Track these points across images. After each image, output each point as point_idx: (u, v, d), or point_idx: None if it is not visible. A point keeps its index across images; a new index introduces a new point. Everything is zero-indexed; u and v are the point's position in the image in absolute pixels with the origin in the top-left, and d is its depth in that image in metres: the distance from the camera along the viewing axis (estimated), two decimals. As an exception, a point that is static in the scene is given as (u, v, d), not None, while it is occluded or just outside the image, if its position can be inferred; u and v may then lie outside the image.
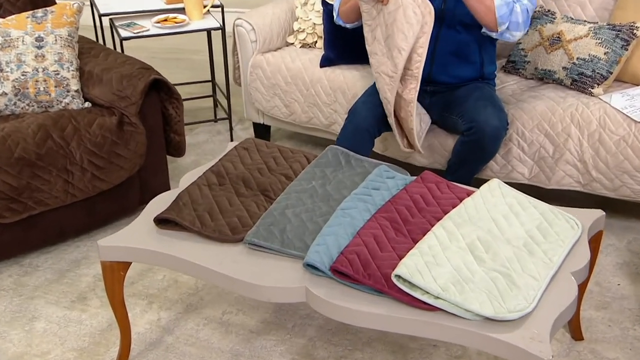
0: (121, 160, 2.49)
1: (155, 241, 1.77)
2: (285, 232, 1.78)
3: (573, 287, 1.56)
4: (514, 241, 1.72)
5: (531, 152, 2.53)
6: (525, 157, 2.54)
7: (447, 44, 2.44)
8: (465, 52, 2.46)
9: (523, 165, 2.56)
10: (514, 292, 1.52)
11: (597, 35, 2.52)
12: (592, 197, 2.74)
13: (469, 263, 1.62)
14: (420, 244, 1.68)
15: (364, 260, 1.64)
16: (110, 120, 2.46)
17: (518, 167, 2.57)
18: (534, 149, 2.52)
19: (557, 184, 2.54)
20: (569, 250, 1.69)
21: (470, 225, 1.75)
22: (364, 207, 1.87)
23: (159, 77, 2.55)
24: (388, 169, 2.06)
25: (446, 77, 2.51)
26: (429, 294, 1.53)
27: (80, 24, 2.70)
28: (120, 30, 3.13)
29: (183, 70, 4.60)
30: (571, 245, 1.70)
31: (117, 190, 2.59)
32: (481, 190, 1.91)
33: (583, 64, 2.53)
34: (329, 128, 3.03)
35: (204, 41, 3.88)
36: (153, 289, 2.34)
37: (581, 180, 2.51)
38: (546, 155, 2.51)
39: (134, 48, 3.77)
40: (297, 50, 3.14)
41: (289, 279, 1.64)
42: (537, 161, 2.54)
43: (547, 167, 2.53)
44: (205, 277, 1.70)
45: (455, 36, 2.43)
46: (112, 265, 1.79)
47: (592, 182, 2.49)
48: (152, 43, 4.47)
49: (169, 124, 2.72)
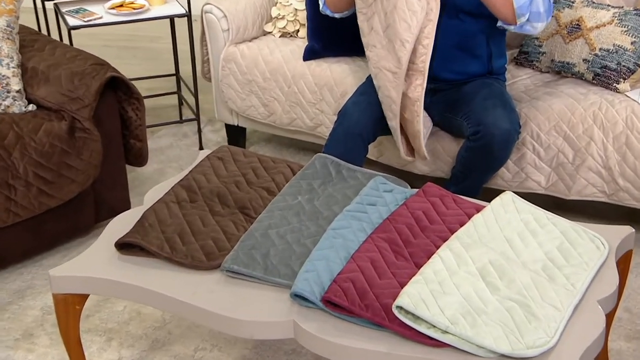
0: (73, 172, 2.51)
1: (117, 270, 1.78)
2: (269, 256, 1.81)
3: (600, 317, 1.61)
4: (532, 265, 1.76)
5: (548, 157, 2.58)
6: (542, 163, 2.59)
7: (449, 36, 2.48)
8: (470, 45, 2.51)
9: (539, 173, 2.61)
10: (533, 324, 1.56)
11: (623, 22, 2.58)
12: (619, 209, 2.80)
13: (480, 291, 1.65)
14: (424, 269, 1.71)
15: (361, 289, 1.67)
16: (60, 125, 2.47)
17: (533, 175, 2.62)
18: (552, 154, 2.57)
19: (578, 194, 2.59)
20: (595, 275, 1.74)
21: (481, 246, 1.79)
22: (358, 227, 1.90)
23: (117, 74, 2.57)
24: (385, 181, 2.10)
25: (449, 74, 2.55)
26: (435, 327, 1.56)
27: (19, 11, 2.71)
28: (68, 17, 3.15)
29: (141, 61, 4.62)
30: (597, 268, 1.75)
31: (68, 207, 2.60)
32: (492, 206, 1.95)
33: (607, 56, 2.59)
34: (314, 130, 3.06)
35: (166, 26, 3.89)
36: (112, 323, 2.35)
37: (606, 190, 2.56)
38: (565, 162, 2.56)
39: (82, 35, 3.77)
40: (277, 40, 3.17)
41: (274, 312, 1.67)
42: (555, 168, 2.59)
43: (566, 175, 2.58)
44: (176, 310, 1.72)
45: (458, 26, 2.47)
46: (67, 298, 1.80)
47: (618, 191, 2.54)
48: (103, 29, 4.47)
49: (129, 129, 2.74)
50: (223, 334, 2.29)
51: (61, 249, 2.72)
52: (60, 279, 1.78)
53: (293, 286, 1.69)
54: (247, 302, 1.70)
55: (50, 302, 2.44)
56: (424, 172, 2.79)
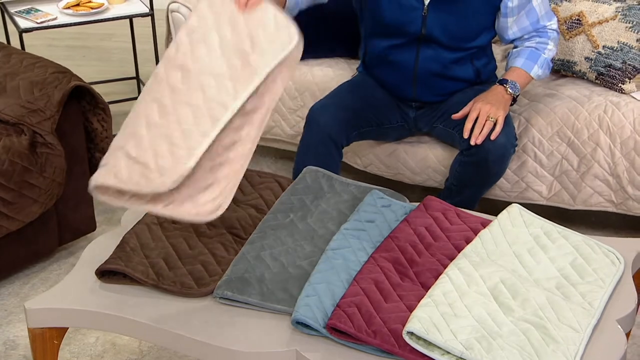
0: (34, 192, 2.53)
1: (100, 300, 1.82)
2: (264, 280, 1.86)
3: (621, 338, 1.69)
4: (545, 283, 1.84)
5: (551, 165, 2.67)
6: (544, 171, 2.69)
7: (429, 65, 2.58)
8: (453, 71, 2.60)
9: (540, 182, 2.70)
10: (552, 347, 1.64)
11: (627, 18, 2.69)
12: (628, 219, 2.90)
13: (493, 313, 1.73)
14: (432, 290, 1.78)
15: (366, 314, 1.74)
16: (19, 140, 2.50)
17: (534, 184, 2.71)
18: (554, 161, 2.67)
19: (583, 204, 2.69)
20: (612, 292, 1.82)
21: (491, 264, 1.87)
22: (358, 246, 1.96)
23: (81, 83, 2.60)
24: (382, 195, 2.16)
25: (433, 97, 2.66)
26: (449, 354, 1.63)
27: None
28: (18, 19, 3.17)
29: (92, 62, 4.63)
30: (614, 285, 1.83)
31: (29, 230, 2.63)
32: (499, 220, 2.03)
33: (611, 54, 2.69)
34: (295, 139, 3.12)
35: (116, 23, 3.90)
36: (84, 357, 2.38)
37: (614, 199, 2.66)
38: (569, 169, 2.66)
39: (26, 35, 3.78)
40: (250, 40, 3.23)
41: (274, 342, 1.72)
42: (558, 177, 2.69)
43: (570, 184, 2.68)
44: (168, 343, 1.77)
45: (437, 56, 2.56)
46: (44, 332, 1.83)
47: (627, 200, 2.65)
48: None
49: (94, 141, 2.77)
50: (208, 365, 2.33)
51: (20, 275, 2.74)
52: (37, 312, 1.81)
53: (294, 313, 1.74)
54: (245, 331, 1.75)
55: (13, 336, 2.46)
56: (415, 181, 2.86)
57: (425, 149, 2.77)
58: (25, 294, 2.66)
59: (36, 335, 1.84)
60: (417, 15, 2.47)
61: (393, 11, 2.49)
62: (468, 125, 2.39)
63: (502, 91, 2.46)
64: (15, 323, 2.52)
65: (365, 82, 2.69)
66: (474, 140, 2.38)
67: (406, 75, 2.60)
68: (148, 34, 3.86)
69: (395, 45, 2.56)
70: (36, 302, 1.82)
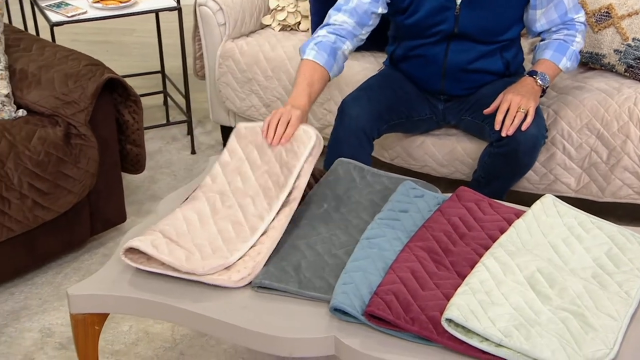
0: (69, 182, 2.56)
1: (140, 287, 1.84)
2: (301, 269, 1.88)
3: (659, 326, 1.70)
4: (581, 272, 1.85)
5: (579, 157, 2.68)
6: (572, 164, 2.69)
7: (458, 59, 2.59)
8: (483, 65, 2.61)
9: (569, 175, 2.71)
10: (590, 335, 1.65)
11: (655, 12, 2.69)
12: (649, 210, 2.91)
13: (531, 301, 1.74)
14: (469, 279, 1.80)
15: (404, 301, 1.75)
16: (55, 132, 2.53)
17: (562, 176, 2.72)
18: (583, 153, 2.67)
19: (612, 196, 2.70)
20: (648, 281, 1.83)
21: (526, 253, 1.88)
22: (393, 235, 1.98)
23: (114, 75, 2.63)
24: (415, 186, 2.18)
25: (462, 91, 2.67)
26: (488, 340, 1.64)
27: None
28: (49, 13, 3.20)
29: (115, 57, 4.67)
30: (650, 274, 1.84)
31: (62, 221, 2.65)
32: (533, 210, 2.04)
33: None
34: (322, 132, 3.14)
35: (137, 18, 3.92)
36: (119, 344, 2.41)
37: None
38: (598, 161, 2.66)
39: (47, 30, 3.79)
40: (277, 34, 3.25)
41: (313, 328, 1.74)
42: (586, 169, 2.69)
43: (599, 176, 2.68)
44: (208, 328, 1.78)
45: (468, 50, 2.58)
46: (86, 318, 1.86)
47: (656, 192, 2.65)
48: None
49: (125, 133, 2.80)
50: (240, 354, 2.36)
51: (53, 265, 2.77)
52: (79, 298, 1.83)
53: (332, 300, 1.76)
54: (283, 318, 1.76)
55: (48, 324, 2.49)
56: (442, 174, 2.87)
57: (453, 141, 2.78)
58: (58, 283, 2.68)
59: (78, 321, 1.86)
60: (450, 15, 2.48)
61: (427, 14, 2.49)
62: (499, 117, 2.40)
63: (532, 82, 2.46)
64: (50, 311, 2.55)
65: (394, 76, 2.70)
66: (505, 132, 2.38)
67: (435, 70, 2.61)
68: (170, 29, 3.89)
69: (425, 43, 2.58)
70: (78, 288, 1.84)
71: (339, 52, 2.45)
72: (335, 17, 2.48)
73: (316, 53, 2.40)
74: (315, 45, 2.41)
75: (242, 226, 1.97)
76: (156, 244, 1.86)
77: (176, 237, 1.91)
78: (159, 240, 1.87)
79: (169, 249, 1.86)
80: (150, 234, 1.89)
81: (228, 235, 1.94)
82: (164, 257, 1.82)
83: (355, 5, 2.47)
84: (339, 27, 2.47)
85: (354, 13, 2.47)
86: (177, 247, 1.88)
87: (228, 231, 1.96)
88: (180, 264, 1.82)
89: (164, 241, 1.87)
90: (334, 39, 2.45)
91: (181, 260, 1.83)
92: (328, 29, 2.47)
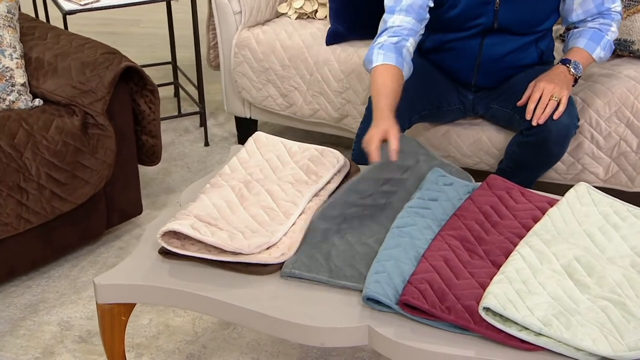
0: (87, 173, 2.56)
1: (169, 277, 1.85)
2: (331, 257, 1.88)
3: (701, 314, 1.70)
4: (619, 261, 1.85)
5: (608, 147, 2.68)
6: (601, 153, 2.69)
7: (494, 53, 2.57)
8: (518, 58, 2.59)
9: (597, 164, 2.71)
10: (632, 324, 1.65)
11: (684, -3, 2.69)
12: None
13: (569, 290, 1.74)
14: (505, 267, 1.80)
15: (439, 290, 1.75)
16: (72, 121, 2.53)
17: (591, 166, 2.72)
18: (612, 142, 2.67)
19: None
20: (687, 270, 1.83)
21: (562, 242, 1.88)
22: (424, 224, 1.98)
23: (132, 64, 2.63)
24: (443, 173, 2.18)
25: (494, 83, 2.65)
26: (528, 330, 1.64)
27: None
28: (61, 1, 3.20)
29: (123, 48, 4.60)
30: (689, 263, 1.84)
31: (79, 212, 2.66)
32: (567, 198, 2.04)
33: (669, 34, 2.69)
34: (340, 123, 3.14)
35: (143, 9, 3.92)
36: (139, 337, 2.41)
37: (673, 181, 2.67)
38: (628, 150, 2.66)
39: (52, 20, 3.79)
40: (293, 22, 3.25)
41: (346, 317, 1.74)
42: (615, 158, 2.69)
43: (629, 165, 2.68)
44: (237, 318, 1.79)
45: (504, 43, 2.56)
46: (113, 309, 1.86)
47: (687, 182, 2.65)
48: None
49: (141, 124, 2.80)
50: (263, 347, 2.36)
51: (69, 257, 2.78)
52: (106, 287, 1.84)
53: (365, 289, 1.76)
54: (315, 307, 1.76)
55: (67, 317, 2.49)
56: (465, 164, 2.87)
57: (478, 131, 2.78)
58: (75, 276, 2.69)
59: (105, 311, 1.87)
60: (489, 9, 2.47)
61: (466, 7, 2.48)
62: (531, 106, 2.39)
63: (564, 71, 2.45)
64: (67, 305, 2.55)
65: (423, 66, 2.66)
66: (536, 121, 2.37)
67: (469, 64, 2.59)
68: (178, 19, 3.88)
69: (460, 37, 2.56)
70: (105, 277, 1.85)
71: (404, 50, 2.39)
72: (391, 20, 2.42)
73: (384, 56, 2.35)
74: (380, 50, 2.37)
75: (275, 211, 1.99)
76: (196, 226, 1.86)
77: (214, 221, 1.91)
78: (198, 224, 1.88)
79: (210, 231, 1.86)
80: (185, 219, 1.89)
81: (263, 219, 1.96)
82: (207, 238, 1.83)
83: (410, 3, 2.41)
84: (399, 29, 2.41)
85: (411, 10, 2.41)
86: (217, 229, 1.88)
87: (261, 215, 1.97)
88: (224, 243, 1.83)
89: (202, 224, 1.88)
90: (397, 40, 2.40)
91: (225, 240, 1.84)
92: (388, 33, 2.41)
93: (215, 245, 1.84)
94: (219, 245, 1.83)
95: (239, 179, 2.12)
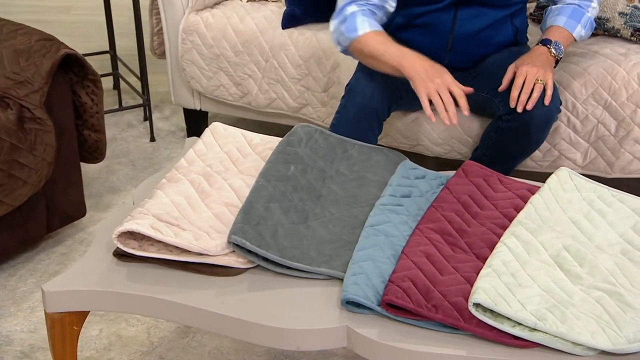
0: (24, 172, 2.48)
1: (123, 281, 1.79)
2: (277, 236, 1.85)
3: (702, 302, 1.70)
4: (608, 249, 1.84)
5: (586, 130, 2.68)
6: (578, 137, 2.69)
7: (467, 28, 2.53)
8: (492, 34, 2.56)
9: (574, 149, 2.71)
10: (630, 315, 1.64)
11: (662, -30, 2.70)
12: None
13: (560, 281, 1.72)
14: (491, 260, 1.77)
15: (423, 287, 1.72)
16: (6, 115, 2.44)
17: (568, 152, 2.72)
18: (590, 126, 2.67)
19: (622, 172, 2.70)
20: (681, 256, 1.83)
21: (549, 231, 1.86)
22: (399, 220, 1.95)
23: (71, 51, 2.55)
24: (415, 166, 2.16)
25: (467, 63, 2.61)
26: (522, 325, 1.62)
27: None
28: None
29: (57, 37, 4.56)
30: (680, 249, 1.84)
31: (16, 216, 2.57)
32: (549, 184, 2.03)
33: (647, 8, 2.70)
34: (299, 112, 3.10)
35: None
36: (89, 350, 2.34)
37: (656, 165, 2.68)
38: (606, 134, 2.67)
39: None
40: (245, 5, 3.20)
41: (322, 318, 1.70)
42: (593, 142, 2.69)
43: (608, 150, 2.69)
44: (203, 323, 1.74)
45: (478, 17, 2.52)
46: (64, 318, 1.79)
47: (670, 165, 2.67)
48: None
49: (82, 118, 2.73)
50: (226, 355, 2.31)
51: (5, 266, 2.69)
52: (56, 294, 1.76)
53: (343, 292, 1.72)
54: (288, 308, 1.72)
55: (5, 331, 2.41)
56: (437, 153, 2.85)
57: (449, 118, 2.75)
58: (12, 286, 2.60)
59: (55, 321, 1.80)
60: None
61: None
62: (514, 94, 2.33)
63: (545, 52, 2.42)
64: (6, 317, 2.46)
65: None
66: (522, 107, 2.33)
67: (441, 40, 2.54)
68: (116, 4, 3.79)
69: (431, 10, 2.51)
70: (55, 284, 1.78)
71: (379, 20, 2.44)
72: None
73: (369, 23, 2.38)
74: (363, 17, 2.37)
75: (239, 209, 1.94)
76: (157, 227, 1.80)
77: (175, 221, 1.85)
78: (158, 224, 1.81)
79: (173, 231, 1.80)
80: (143, 217, 1.83)
81: (227, 218, 1.91)
82: (170, 239, 1.77)
83: None
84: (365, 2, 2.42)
85: None
86: (180, 229, 1.82)
87: (226, 214, 1.92)
88: (189, 243, 1.78)
89: (162, 224, 1.82)
90: (369, 9, 2.41)
91: (190, 240, 1.78)
92: (357, 3, 2.41)
93: (179, 246, 1.78)
94: (183, 246, 1.77)
95: (198, 172, 2.06)
